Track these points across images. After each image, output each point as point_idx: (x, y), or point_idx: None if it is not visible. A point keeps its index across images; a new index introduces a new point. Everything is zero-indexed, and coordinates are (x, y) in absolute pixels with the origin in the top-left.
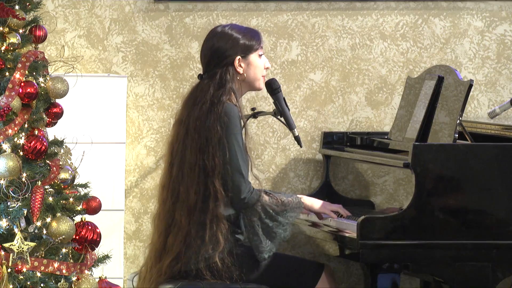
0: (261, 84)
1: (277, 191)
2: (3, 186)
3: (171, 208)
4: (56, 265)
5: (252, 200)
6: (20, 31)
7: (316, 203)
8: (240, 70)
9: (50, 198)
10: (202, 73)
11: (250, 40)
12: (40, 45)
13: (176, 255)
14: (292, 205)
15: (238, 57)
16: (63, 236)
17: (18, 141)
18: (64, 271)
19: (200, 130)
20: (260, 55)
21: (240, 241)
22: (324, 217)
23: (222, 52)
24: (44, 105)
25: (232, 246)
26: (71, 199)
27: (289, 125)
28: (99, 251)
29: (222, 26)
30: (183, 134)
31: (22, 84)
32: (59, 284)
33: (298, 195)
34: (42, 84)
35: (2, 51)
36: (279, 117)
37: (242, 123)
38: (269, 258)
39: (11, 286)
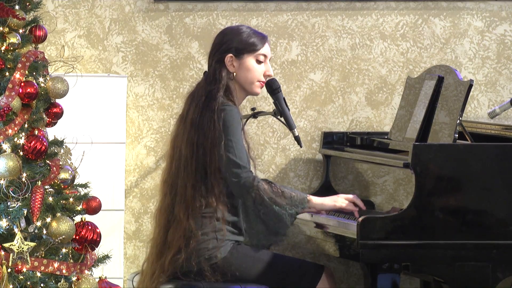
0: (255, 88)
1: (286, 186)
2: (3, 186)
3: (170, 202)
4: (56, 265)
5: (248, 184)
6: (20, 31)
7: (327, 201)
8: (231, 69)
9: (50, 198)
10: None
11: (249, 38)
12: (40, 45)
13: (177, 251)
14: (294, 199)
15: (230, 54)
16: (63, 236)
17: (18, 141)
18: (64, 271)
19: (196, 126)
20: (259, 61)
21: (240, 242)
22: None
23: (219, 46)
24: (44, 105)
25: (232, 246)
26: (71, 199)
27: (289, 125)
28: (99, 251)
29: (237, 25)
30: (182, 129)
31: (22, 84)
32: (59, 284)
33: (307, 195)
34: (42, 84)
35: (2, 51)
36: (279, 117)
37: (241, 118)
38: (260, 246)
39: (11, 286)
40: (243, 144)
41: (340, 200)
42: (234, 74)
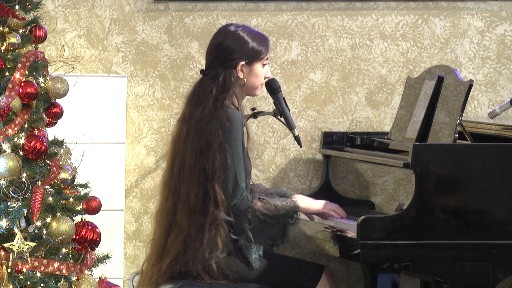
0: (257, 92)
1: (273, 192)
2: (3, 186)
3: (172, 207)
4: (56, 265)
5: (243, 207)
6: (20, 31)
7: (313, 205)
8: (241, 75)
9: (50, 198)
10: (204, 68)
11: (258, 46)
12: (40, 45)
13: (175, 256)
14: (286, 209)
15: (242, 62)
16: (63, 236)
17: (18, 141)
18: (64, 271)
19: (201, 133)
20: (264, 65)
21: (239, 242)
22: (328, 217)
23: (229, 52)
24: (44, 105)
25: (232, 247)
26: (71, 199)
27: (289, 125)
28: (99, 251)
29: (235, 25)
30: (185, 134)
31: (22, 84)
32: (59, 284)
33: (293, 196)
34: (42, 84)
35: (2, 51)
36: (279, 117)
37: (245, 129)
38: (259, 261)
39: (11, 286)
40: (242, 159)
41: (324, 206)
42: (245, 80)
